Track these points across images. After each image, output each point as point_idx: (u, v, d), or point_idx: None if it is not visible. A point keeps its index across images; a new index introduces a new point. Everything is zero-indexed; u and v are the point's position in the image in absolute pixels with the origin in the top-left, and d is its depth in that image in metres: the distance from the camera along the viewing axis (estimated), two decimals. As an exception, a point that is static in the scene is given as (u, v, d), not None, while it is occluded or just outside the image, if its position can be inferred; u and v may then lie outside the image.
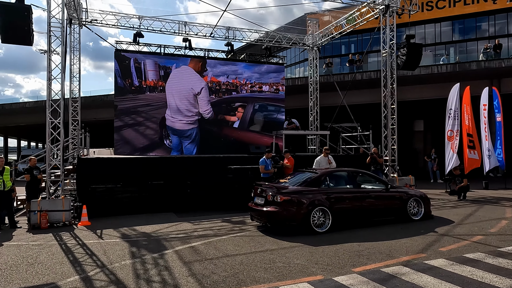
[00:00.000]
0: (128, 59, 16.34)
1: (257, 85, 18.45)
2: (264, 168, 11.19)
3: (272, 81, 18.67)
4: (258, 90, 18.50)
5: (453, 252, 6.64)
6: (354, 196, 8.94)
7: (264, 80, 18.54)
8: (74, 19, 15.11)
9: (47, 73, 10.68)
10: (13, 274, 5.83)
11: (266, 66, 18.68)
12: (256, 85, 18.43)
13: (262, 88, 18.54)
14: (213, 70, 17.69)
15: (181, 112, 17.05)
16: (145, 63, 16.60)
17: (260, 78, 18.50)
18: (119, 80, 16.16)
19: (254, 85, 18.39)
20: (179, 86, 17.10)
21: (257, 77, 18.46)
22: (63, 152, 11.07)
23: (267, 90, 18.61)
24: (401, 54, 14.59)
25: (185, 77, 17.24)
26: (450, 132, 15.17)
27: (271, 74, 18.71)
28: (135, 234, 8.55)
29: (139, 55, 16.54)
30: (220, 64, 17.96)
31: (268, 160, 11.32)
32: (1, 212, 9.62)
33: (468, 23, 27.92)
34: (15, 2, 9.89)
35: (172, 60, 17.12)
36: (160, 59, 16.86)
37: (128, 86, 16.30)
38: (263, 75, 18.56)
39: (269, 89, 18.65)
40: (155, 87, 16.75)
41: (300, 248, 7.00)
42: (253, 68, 18.46)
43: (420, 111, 26.29)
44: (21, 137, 58.68)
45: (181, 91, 17.10)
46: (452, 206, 11.98)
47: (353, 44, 31.22)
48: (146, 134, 16.49)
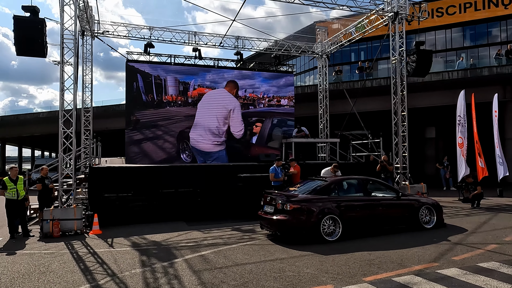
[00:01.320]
0: (148, 75, 16.63)
1: (275, 98, 18.42)
2: (274, 176, 11.17)
3: (290, 94, 18.65)
4: (276, 104, 18.46)
5: (467, 261, 6.51)
6: (364, 204, 8.86)
7: (282, 93, 18.50)
8: (86, 30, 15.42)
9: (60, 83, 10.89)
10: (26, 283, 5.90)
11: (284, 79, 18.61)
12: (274, 99, 18.41)
13: (281, 102, 18.48)
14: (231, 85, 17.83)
15: (211, 133, 17.18)
16: (164, 78, 16.89)
17: (278, 92, 18.47)
18: (143, 96, 16.49)
19: (272, 99, 18.37)
20: (212, 107, 17.34)
21: (275, 91, 18.42)
22: (75, 161, 11.22)
23: (286, 104, 18.55)
24: (411, 61, 14.53)
25: (219, 99, 17.50)
26: (460, 139, 15.01)
27: (289, 88, 18.68)
28: (146, 243, 8.59)
29: (150, 69, 16.78)
30: (237, 78, 18.02)
31: (279, 168, 11.30)
32: (14, 220, 9.76)
33: (479, 29, 27.70)
34: (30, 16, 10.15)
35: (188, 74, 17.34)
36: (178, 75, 17.16)
37: (146, 99, 16.59)
38: (281, 89, 18.52)
39: (288, 103, 18.59)
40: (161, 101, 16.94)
41: (310, 257, 6.94)
42: (270, 81, 18.45)
43: (431, 118, 26.05)
44: (35, 147, 59.70)
45: (213, 112, 17.34)
46: (466, 214, 11.78)
47: (363, 51, 31.21)
48: (164, 148, 16.70)
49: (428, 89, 22.22)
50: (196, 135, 17.06)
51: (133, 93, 16.43)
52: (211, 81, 17.60)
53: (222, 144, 17.34)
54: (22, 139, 43.78)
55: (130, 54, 16.98)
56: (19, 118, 32.55)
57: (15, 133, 35.79)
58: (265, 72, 18.74)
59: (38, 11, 10.20)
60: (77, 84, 11.43)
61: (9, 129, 34.76)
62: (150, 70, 16.68)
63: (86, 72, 16.07)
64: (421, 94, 22.36)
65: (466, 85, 17.42)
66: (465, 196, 14.14)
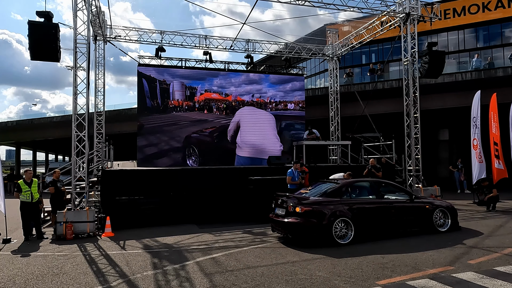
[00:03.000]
0: (153, 80, 16.77)
1: (282, 103, 18.46)
2: (291, 179, 11.11)
3: (297, 99, 18.64)
4: (283, 108, 18.50)
5: (483, 265, 6.37)
6: (377, 207, 8.75)
7: (289, 98, 18.53)
8: (98, 35, 15.63)
9: (73, 88, 11.03)
10: (39, 284, 5.96)
11: (290, 84, 18.64)
12: (281, 103, 18.44)
13: (288, 106, 18.50)
14: (237, 90, 17.90)
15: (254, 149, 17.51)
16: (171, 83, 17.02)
17: (285, 96, 18.50)
18: (147, 101, 16.67)
19: (279, 103, 18.40)
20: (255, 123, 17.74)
21: (282, 96, 18.45)
22: (88, 164, 11.34)
23: (293, 108, 18.57)
24: (423, 62, 14.38)
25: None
26: (475, 140, 14.74)
27: (296, 92, 18.67)
28: (157, 245, 8.62)
29: (156, 73, 16.91)
30: (245, 83, 18.08)
31: (296, 171, 11.24)
32: (29, 223, 9.89)
33: (493, 29, 27.24)
34: (44, 21, 10.33)
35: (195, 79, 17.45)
36: (185, 79, 17.29)
37: (151, 105, 16.72)
38: (288, 93, 18.55)
39: (295, 107, 18.59)
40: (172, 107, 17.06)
41: (322, 260, 6.87)
42: (277, 86, 18.50)
43: (445, 120, 25.67)
44: (49, 151, 60.54)
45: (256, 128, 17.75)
46: (481, 217, 11.56)
47: (374, 53, 30.95)
48: (170, 154, 16.81)
49: (441, 91, 21.91)
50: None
51: (140, 98, 16.60)
52: (218, 86, 17.68)
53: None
54: (36, 143, 44.43)
55: (141, 58, 17.15)
56: (34, 123, 33.06)
57: (30, 137, 36.36)
58: (275, 75, 18.74)
59: (52, 16, 10.38)
60: (89, 89, 11.59)
61: (23, 133, 35.33)
62: (156, 75, 16.79)
63: (99, 76, 16.28)
64: (434, 96, 22.06)
65: (480, 86, 17.10)
66: (480, 199, 13.88)
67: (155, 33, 16.77)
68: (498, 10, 25.78)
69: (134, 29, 16.55)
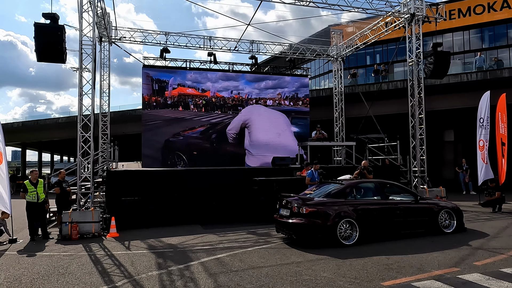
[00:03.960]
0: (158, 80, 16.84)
1: (262, 100, 18.53)
2: (310, 180, 11.11)
3: (270, 95, 18.62)
4: (285, 110, 18.70)
5: (489, 266, 6.33)
6: (382, 208, 8.72)
7: (263, 95, 18.56)
8: (104, 37, 15.72)
9: (79, 89, 11.10)
10: (45, 284, 5.99)
11: (264, 83, 18.63)
12: (261, 100, 18.50)
13: (267, 103, 18.57)
14: (215, 86, 17.88)
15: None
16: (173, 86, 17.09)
17: (260, 94, 18.52)
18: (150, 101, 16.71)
19: (259, 100, 18.43)
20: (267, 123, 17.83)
21: (257, 93, 18.47)
22: (93, 165, 11.40)
23: (271, 104, 18.65)
24: (428, 62, 14.32)
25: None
26: (482, 141, 14.64)
27: (269, 90, 18.66)
28: (162, 246, 8.64)
29: (167, 73, 16.98)
30: (222, 79, 18.10)
31: (316, 172, 11.24)
32: (34, 223, 9.95)
33: (499, 30, 27.08)
34: (50, 23, 10.41)
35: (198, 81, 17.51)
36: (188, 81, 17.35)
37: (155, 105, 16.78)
38: (262, 91, 18.56)
39: (273, 103, 18.64)
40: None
41: (326, 261, 6.86)
42: (253, 84, 18.53)
43: (450, 121, 25.54)
44: (54, 152, 60.94)
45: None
46: (487, 218, 11.49)
47: (378, 54, 30.85)
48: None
49: (446, 92, 21.80)
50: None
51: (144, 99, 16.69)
52: (193, 80, 17.64)
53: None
54: (41, 144, 44.74)
55: (146, 60, 17.23)
56: (39, 123, 33.27)
57: (35, 138, 36.60)
58: (279, 76, 18.75)
59: (58, 18, 10.46)
60: (95, 90, 11.66)
61: (29, 134, 35.57)
62: (160, 76, 16.86)
63: (104, 77, 16.36)
64: (439, 97, 21.96)
65: (486, 87, 17.01)
66: (486, 200, 13.79)
67: (159, 34, 16.84)
68: (504, 11, 25.61)
69: (139, 31, 16.64)
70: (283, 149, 17.41)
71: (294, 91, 18.94)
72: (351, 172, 12.31)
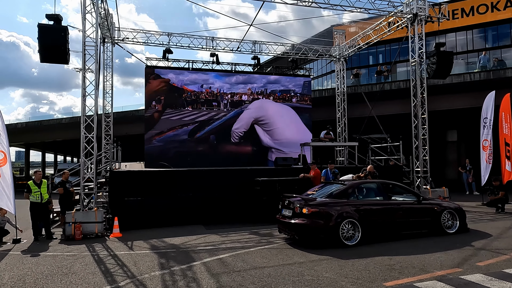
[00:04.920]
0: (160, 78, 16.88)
1: (237, 95, 18.52)
2: (325, 179, 11.14)
3: (241, 90, 18.52)
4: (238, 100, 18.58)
5: (492, 267, 6.32)
6: (384, 208, 8.71)
7: (234, 90, 18.46)
8: (107, 37, 15.78)
9: (82, 89, 11.15)
10: (49, 284, 6.03)
11: (235, 78, 18.55)
12: (236, 95, 18.49)
13: (242, 98, 18.59)
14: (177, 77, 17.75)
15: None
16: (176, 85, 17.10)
17: (231, 88, 18.41)
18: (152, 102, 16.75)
19: (235, 95, 18.42)
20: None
21: (228, 87, 18.32)
22: (96, 165, 11.45)
23: (246, 99, 18.61)
24: (431, 62, 14.29)
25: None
26: (485, 142, 14.59)
27: (240, 85, 18.54)
28: (164, 246, 8.67)
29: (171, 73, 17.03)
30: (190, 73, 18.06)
31: (330, 171, 11.27)
32: (38, 223, 10.01)
33: (502, 29, 26.97)
34: (53, 24, 10.47)
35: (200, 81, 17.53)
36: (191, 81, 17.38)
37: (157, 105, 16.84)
38: (233, 86, 18.44)
39: (248, 98, 18.57)
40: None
41: (329, 261, 6.86)
42: (224, 78, 18.41)
43: (453, 121, 25.47)
44: (57, 152, 61.20)
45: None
46: (490, 219, 11.45)
47: (381, 54, 30.81)
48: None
49: (449, 92, 21.76)
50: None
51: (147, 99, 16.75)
52: (227, 89, 17.70)
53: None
54: (45, 144, 44.96)
55: (149, 60, 17.29)
56: (43, 124, 33.45)
57: (39, 138, 36.79)
58: (282, 76, 18.72)
59: (61, 19, 10.53)
60: (98, 90, 11.71)
61: (33, 135, 35.77)
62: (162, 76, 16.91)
63: (107, 78, 16.42)
64: (442, 97, 21.91)
65: (489, 87, 16.97)
66: (490, 200, 13.72)
67: (162, 35, 16.89)
68: (507, 10, 25.51)
69: (141, 31, 16.70)
70: (305, 140, 17.53)
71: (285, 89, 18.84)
72: (353, 172, 12.30)
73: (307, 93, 19.05)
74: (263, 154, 17.80)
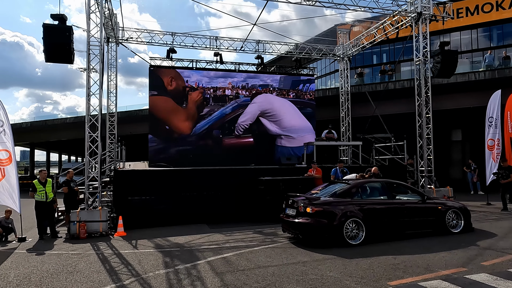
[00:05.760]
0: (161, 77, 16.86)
1: (220, 89, 18.33)
2: (335, 178, 11.17)
3: (220, 85, 18.31)
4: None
5: (497, 266, 6.29)
6: (388, 208, 8.69)
7: (214, 83, 18.19)
8: (111, 37, 15.83)
9: (86, 89, 11.20)
10: (54, 282, 6.07)
11: (213, 72, 18.31)
12: (219, 90, 18.28)
13: (226, 92, 18.38)
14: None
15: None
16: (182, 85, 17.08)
17: (210, 82, 18.14)
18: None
19: (217, 89, 18.18)
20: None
21: (207, 81, 18.00)
22: (101, 164, 11.49)
23: (230, 94, 18.41)
24: (436, 61, 14.23)
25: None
26: (491, 141, 14.51)
27: (220, 79, 18.29)
28: (169, 245, 8.70)
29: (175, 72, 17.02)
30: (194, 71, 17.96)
31: (339, 170, 11.31)
32: (43, 222, 10.07)
33: (507, 28, 26.79)
34: (58, 24, 10.52)
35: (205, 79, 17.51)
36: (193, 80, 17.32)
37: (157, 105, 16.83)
38: (213, 79, 18.17)
39: (231, 93, 18.37)
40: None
41: (333, 261, 6.86)
42: (202, 71, 18.23)
43: (457, 120, 25.35)
44: (62, 152, 61.45)
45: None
46: (495, 218, 11.39)
47: (385, 53, 30.69)
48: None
49: (454, 91, 21.64)
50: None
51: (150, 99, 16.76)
52: (206, 82, 17.55)
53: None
54: (49, 144, 45.16)
55: (153, 60, 17.33)
56: (47, 124, 33.57)
57: (43, 138, 36.94)
58: (286, 76, 18.67)
59: (66, 19, 10.58)
60: (102, 90, 11.75)
61: (37, 135, 35.92)
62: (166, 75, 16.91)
63: (111, 78, 16.48)
64: (447, 96, 21.80)
65: (494, 86, 16.87)
66: (503, 183, 13.15)
67: (166, 34, 16.92)
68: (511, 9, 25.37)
69: (145, 31, 16.73)
70: (309, 129, 18.19)
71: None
72: (357, 171, 12.27)
73: (283, 87, 18.81)
74: (270, 143, 18.03)
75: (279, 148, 17.87)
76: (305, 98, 18.86)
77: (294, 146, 18.09)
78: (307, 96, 18.95)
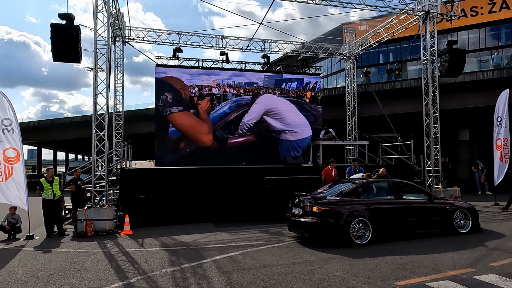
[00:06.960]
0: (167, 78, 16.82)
1: (206, 88, 17.96)
2: (349, 176, 11.16)
3: (204, 82, 17.83)
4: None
5: (506, 267, 6.22)
6: (395, 207, 8.63)
7: (196, 81, 17.67)
8: (118, 37, 15.88)
9: (93, 88, 11.26)
10: (62, 280, 6.10)
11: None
12: (205, 88, 17.87)
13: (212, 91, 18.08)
14: None
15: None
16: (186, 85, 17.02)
17: (192, 80, 17.63)
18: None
19: (203, 88, 17.76)
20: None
21: (188, 78, 17.38)
22: (108, 163, 11.55)
23: (217, 93, 18.07)
24: (443, 60, 14.11)
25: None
26: (499, 140, 14.37)
27: (203, 76, 17.76)
28: (175, 244, 8.72)
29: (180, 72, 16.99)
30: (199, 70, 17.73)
31: (353, 169, 11.30)
32: (50, 220, 10.14)
33: (515, 27, 26.55)
34: (65, 23, 10.58)
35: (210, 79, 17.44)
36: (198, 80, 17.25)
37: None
38: (195, 76, 17.71)
39: (218, 92, 17.99)
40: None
41: (339, 260, 6.83)
42: (296, 86, 18.52)
43: (465, 120, 25.15)
44: (69, 150, 61.88)
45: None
46: (503, 219, 11.28)
47: (392, 52, 30.56)
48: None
49: (462, 90, 21.45)
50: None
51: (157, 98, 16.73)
52: (187, 80, 17.41)
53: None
54: (56, 142, 45.48)
55: (159, 59, 17.36)
56: (55, 123, 33.83)
57: (51, 137, 37.21)
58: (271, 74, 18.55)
59: (73, 18, 10.64)
60: (109, 89, 11.80)
61: (45, 133, 36.20)
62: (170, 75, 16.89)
63: (118, 77, 16.54)
64: (454, 95, 21.62)
65: (502, 85, 16.70)
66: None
67: (172, 34, 16.94)
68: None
69: (152, 30, 16.78)
70: (308, 125, 18.17)
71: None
72: (364, 171, 12.21)
73: (268, 86, 18.66)
74: (271, 138, 18.04)
75: (284, 142, 18.02)
76: (311, 103, 18.77)
77: (297, 139, 18.27)
78: (312, 100, 18.83)
